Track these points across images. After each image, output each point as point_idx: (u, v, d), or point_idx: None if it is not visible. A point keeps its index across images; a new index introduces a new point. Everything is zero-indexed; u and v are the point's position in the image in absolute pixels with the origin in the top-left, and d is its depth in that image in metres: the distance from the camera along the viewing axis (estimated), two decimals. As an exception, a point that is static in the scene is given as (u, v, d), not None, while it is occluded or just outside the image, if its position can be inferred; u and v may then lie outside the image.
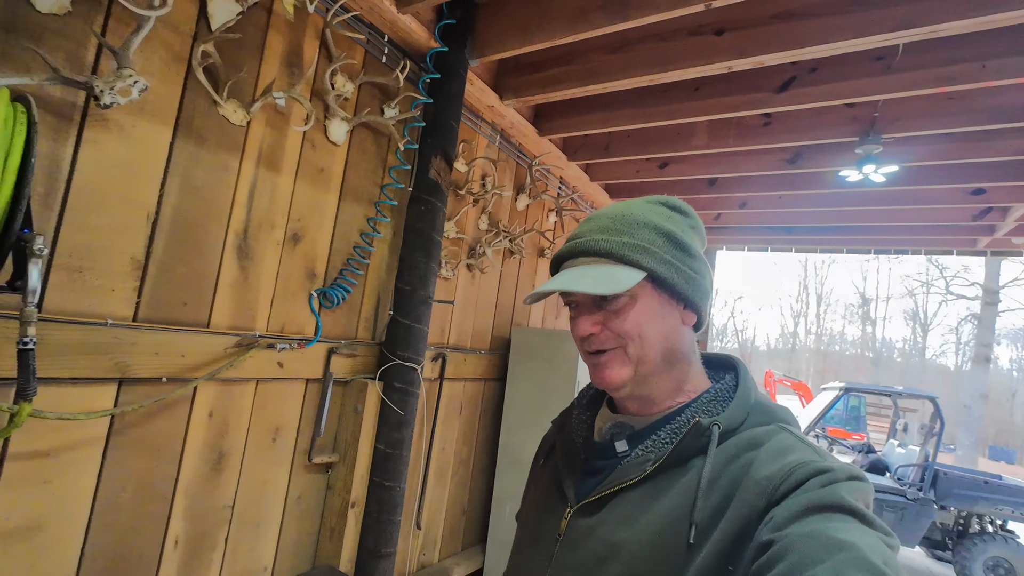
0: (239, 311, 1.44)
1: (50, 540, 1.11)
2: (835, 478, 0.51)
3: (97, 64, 1.13)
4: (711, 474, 0.56)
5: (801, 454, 0.55)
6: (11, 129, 0.78)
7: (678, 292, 0.64)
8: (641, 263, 0.62)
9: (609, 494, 0.62)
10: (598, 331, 0.63)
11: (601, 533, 0.60)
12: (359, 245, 1.78)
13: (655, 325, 0.63)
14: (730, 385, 0.66)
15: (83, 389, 1.14)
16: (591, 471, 0.67)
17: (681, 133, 2.51)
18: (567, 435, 0.74)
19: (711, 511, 0.54)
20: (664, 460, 0.59)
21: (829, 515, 0.48)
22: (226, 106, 1.35)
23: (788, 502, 0.50)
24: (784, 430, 0.60)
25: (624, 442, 0.65)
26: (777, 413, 0.63)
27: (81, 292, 1.13)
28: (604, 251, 0.63)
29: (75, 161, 1.11)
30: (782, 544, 0.46)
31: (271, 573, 1.59)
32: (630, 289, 0.61)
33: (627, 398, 0.66)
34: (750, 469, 0.54)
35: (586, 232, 0.66)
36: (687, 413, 0.64)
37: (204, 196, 1.34)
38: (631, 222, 0.65)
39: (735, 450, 0.57)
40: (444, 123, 1.92)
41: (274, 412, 1.56)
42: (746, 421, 0.60)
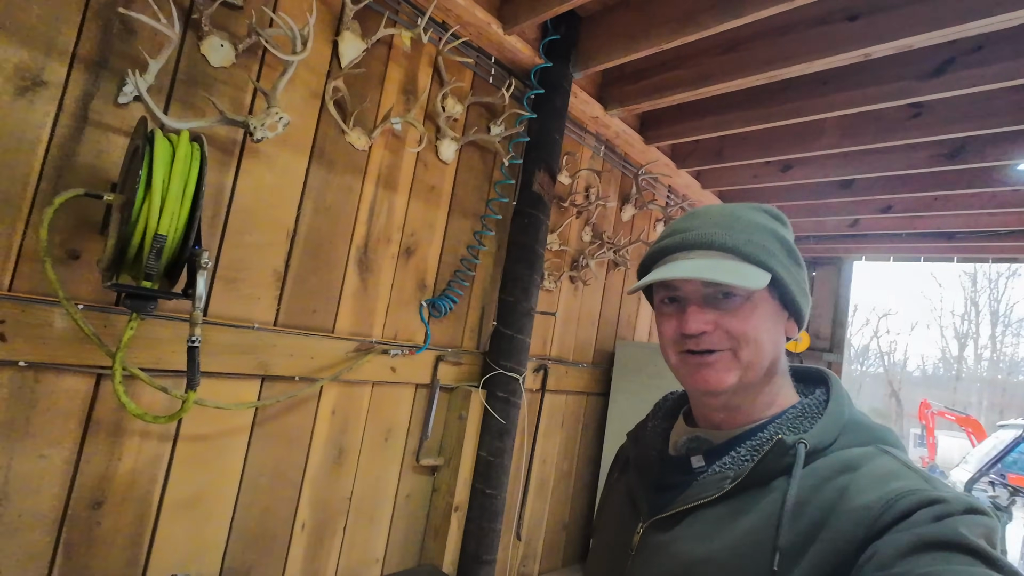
0: (359, 319, 1.58)
1: (207, 512, 1.30)
2: (949, 510, 0.45)
3: (252, 105, 1.33)
4: (797, 497, 0.51)
5: (907, 481, 0.48)
6: (189, 164, 0.94)
7: (792, 300, 0.61)
8: (768, 264, 0.58)
9: (684, 511, 0.58)
10: (711, 329, 0.59)
11: (675, 550, 0.57)
12: (466, 258, 1.87)
13: (768, 331, 0.60)
14: (820, 400, 0.61)
15: (234, 383, 1.33)
16: (665, 486, 0.64)
17: (806, 132, 2.28)
18: (641, 448, 0.71)
19: (797, 538, 0.49)
20: (744, 479, 0.55)
21: (947, 555, 0.42)
22: (352, 134, 1.50)
23: (893, 536, 0.44)
24: (885, 452, 0.54)
25: (700, 457, 0.62)
26: (876, 432, 0.57)
27: (235, 300, 1.32)
28: (729, 246, 0.59)
29: (235, 188, 1.31)
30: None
31: (382, 565, 1.70)
32: (751, 289, 0.58)
33: (719, 407, 0.62)
34: (845, 495, 0.49)
35: (697, 226, 0.61)
36: (770, 429, 0.59)
37: (332, 215, 1.50)
38: (747, 223, 0.61)
39: (827, 472, 0.52)
40: (548, 137, 1.95)
41: (387, 414, 1.68)
42: (838, 440, 0.55)
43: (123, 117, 1.13)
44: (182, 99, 1.21)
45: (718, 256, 0.59)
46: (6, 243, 1.01)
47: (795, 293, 0.60)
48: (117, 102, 1.11)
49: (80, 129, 1.08)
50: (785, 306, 0.62)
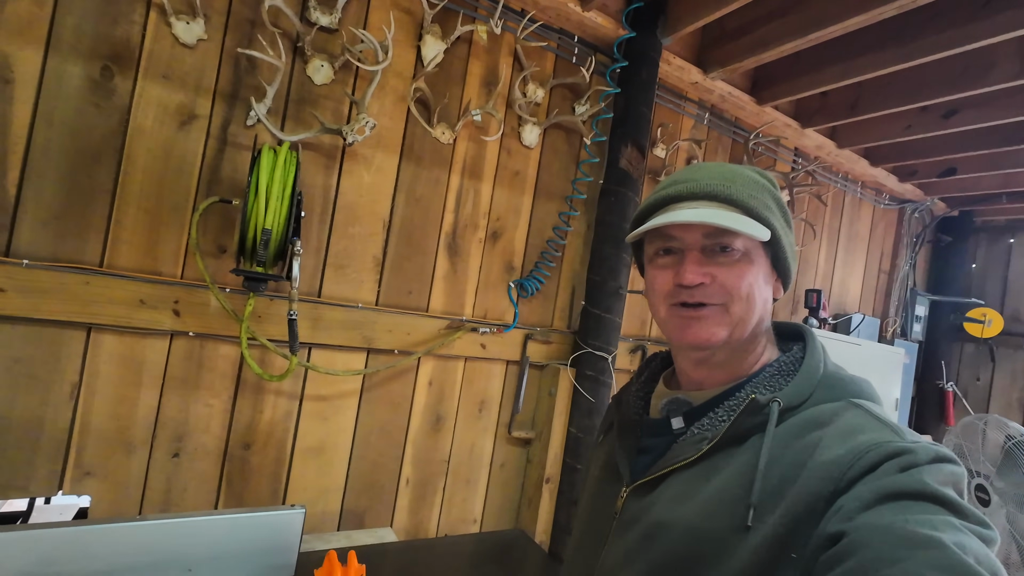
0: (450, 299, 1.73)
1: (328, 460, 1.56)
2: (915, 460, 0.45)
3: (349, 115, 1.53)
4: (769, 455, 0.51)
5: (874, 434, 0.48)
6: (288, 169, 1.14)
7: (783, 261, 0.61)
8: (768, 220, 0.59)
9: (664, 474, 0.59)
10: (708, 282, 0.59)
11: (653, 512, 0.58)
12: (552, 239, 1.91)
13: (760, 288, 0.59)
14: (796, 357, 0.59)
15: (345, 354, 1.56)
16: (646, 449, 0.64)
17: (970, 66, 1.85)
18: (623, 412, 0.71)
19: (769, 494, 0.49)
20: (719, 439, 0.55)
21: (908, 504, 0.42)
22: (436, 130, 1.64)
23: (859, 489, 0.45)
24: (855, 406, 0.52)
25: (680, 419, 0.62)
26: (849, 387, 0.56)
27: (343, 283, 1.55)
28: (733, 199, 0.59)
29: (338, 188, 1.53)
30: (852, 538, 0.41)
31: (480, 523, 1.85)
32: (749, 244, 0.59)
33: (702, 363, 0.62)
34: (815, 451, 0.49)
35: (699, 178, 0.61)
36: (746, 389, 0.58)
37: (422, 205, 1.66)
38: (747, 179, 0.61)
39: (797, 429, 0.52)
40: (635, 111, 1.89)
41: (479, 387, 1.81)
42: (812, 397, 0.55)
43: (251, 136, 1.39)
44: (294, 116, 1.45)
45: (722, 207, 0.59)
46: (177, 242, 1.32)
47: (788, 254, 0.61)
48: (246, 125, 1.38)
49: (221, 150, 1.36)
50: (775, 267, 0.61)
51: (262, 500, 1.47)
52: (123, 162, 1.26)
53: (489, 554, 1.62)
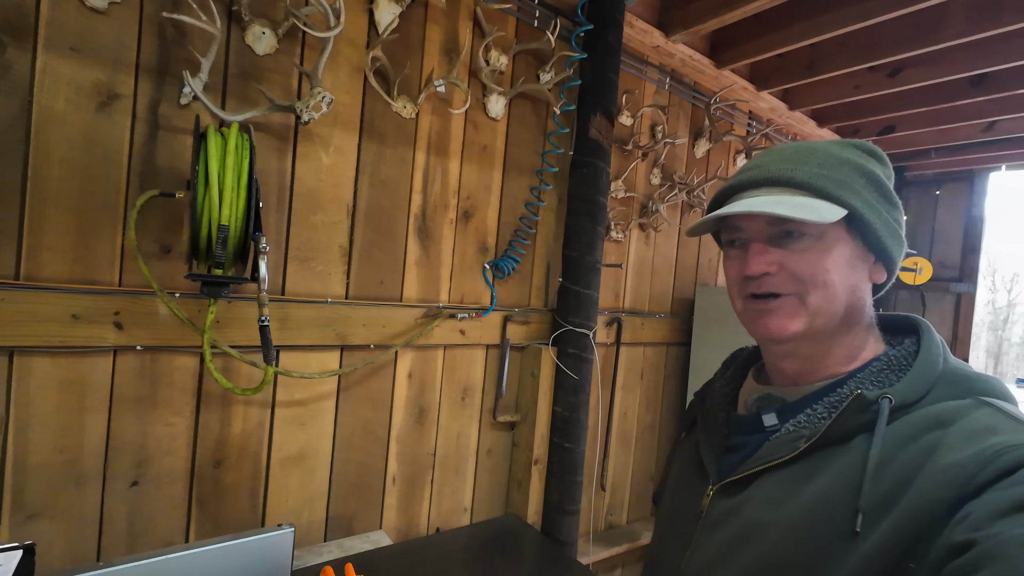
0: (424, 286, 1.63)
1: (310, 467, 1.45)
2: None
3: (300, 89, 1.36)
4: (880, 456, 0.46)
5: (1010, 435, 0.43)
6: (241, 155, 1.00)
7: (877, 241, 0.54)
8: (844, 198, 0.53)
9: (755, 473, 0.55)
10: (775, 271, 0.54)
11: (746, 514, 0.54)
12: (525, 216, 1.83)
13: (843, 274, 0.54)
14: (909, 351, 0.54)
15: (318, 354, 1.44)
16: (735, 447, 0.60)
17: (921, 23, 1.90)
18: (709, 408, 0.67)
19: (880, 499, 0.45)
20: (819, 437, 0.50)
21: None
22: (397, 103, 1.50)
23: (991, 495, 0.40)
24: (985, 404, 0.47)
25: (773, 415, 0.57)
26: (975, 384, 0.49)
27: (310, 278, 1.42)
28: (797, 181, 0.54)
29: (294, 172, 1.38)
30: (985, 547, 0.37)
31: (471, 512, 1.81)
32: (823, 227, 0.53)
33: (787, 356, 0.58)
34: (935, 453, 0.45)
35: (767, 163, 0.57)
36: (850, 384, 0.53)
37: (388, 187, 1.54)
38: (824, 156, 0.56)
39: (912, 429, 0.48)
40: (602, 77, 1.82)
41: (461, 374, 1.74)
42: (929, 394, 0.49)
43: (188, 117, 1.22)
44: (237, 92, 1.27)
45: (786, 192, 0.54)
46: (111, 244, 1.15)
47: (881, 233, 0.54)
48: (180, 104, 1.20)
49: (153, 135, 1.18)
50: (870, 248, 0.55)
51: (240, 519, 1.35)
52: (31, 154, 1.06)
53: (486, 544, 1.59)
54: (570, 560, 1.54)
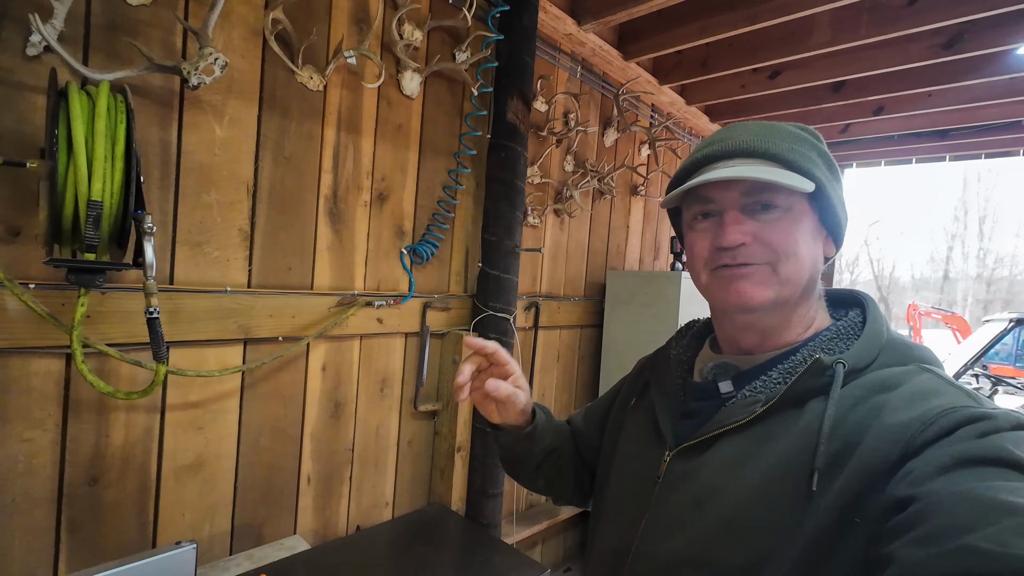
0: (338, 272, 1.53)
1: (210, 475, 1.31)
2: (996, 426, 0.42)
3: (185, 49, 1.19)
4: (834, 418, 0.48)
5: (949, 398, 0.46)
6: (114, 118, 0.85)
7: (833, 215, 0.57)
8: (812, 172, 0.55)
9: (712, 436, 0.56)
10: (749, 241, 0.55)
11: (704, 476, 0.55)
12: (443, 199, 1.78)
13: (809, 246, 0.56)
14: (856, 322, 0.58)
15: (217, 349, 1.29)
16: (691, 413, 0.62)
17: (797, 32, 2.12)
18: (663, 375, 0.68)
19: (832, 458, 0.47)
20: (776, 400, 0.53)
21: (986, 470, 0.39)
22: (302, 73, 1.37)
23: (931, 453, 0.42)
24: (926, 370, 0.51)
25: (729, 383, 0.59)
26: (916, 352, 0.54)
27: (204, 264, 1.26)
28: (772, 153, 0.55)
29: (181, 144, 1.21)
30: (925, 503, 0.39)
31: (392, 507, 1.75)
32: (792, 200, 0.55)
33: (749, 328, 0.59)
34: (881, 414, 0.47)
35: (736, 135, 0.58)
36: (803, 351, 0.56)
37: (294, 165, 1.41)
38: (786, 133, 0.58)
39: (862, 392, 0.50)
40: (518, 60, 1.81)
41: (379, 365, 1.67)
42: (876, 361, 0.52)
43: (39, 72, 1.01)
44: (103, 47, 1.08)
45: (760, 163, 0.55)
46: (-65, 225, 0.93)
47: (837, 208, 0.57)
48: (26, 55, 0.99)
49: (-10, 90, 0.96)
50: (824, 223, 0.58)
51: (125, 541, 1.18)
52: None
53: (410, 536, 1.55)
54: (496, 541, 1.56)
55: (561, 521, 2.36)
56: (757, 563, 0.48)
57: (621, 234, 2.72)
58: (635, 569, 0.59)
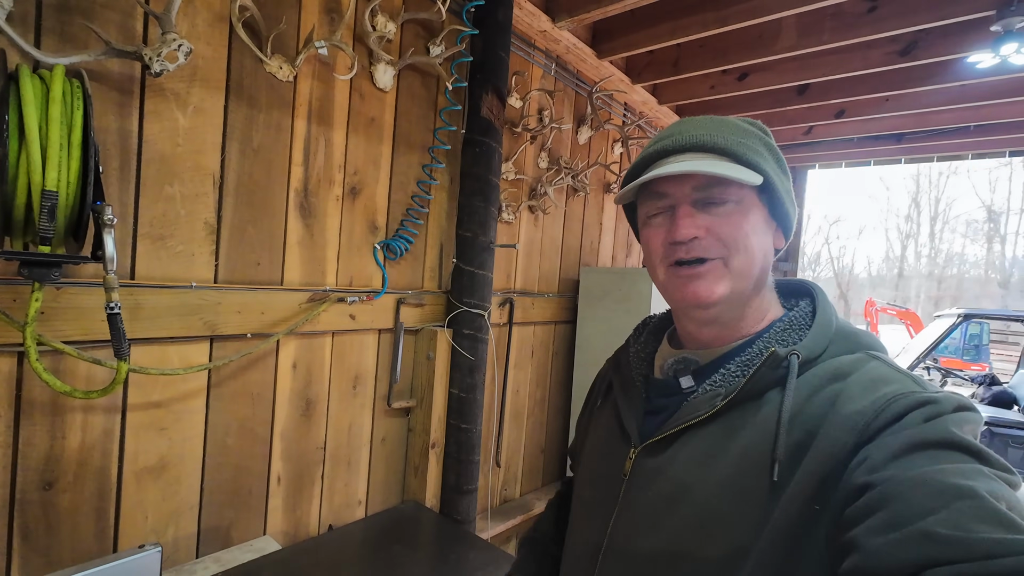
0: (309, 268, 1.50)
1: (174, 477, 1.27)
2: (941, 410, 0.44)
3: (146, 33, 1.15)
4: (792, 408, 0.50)
5: (898, 384, 0.48)
6: (70, 104, 0.81)
7: (781, 209, 0.59)
8: (760, 166, 0.56)
9: (676, 432, 0.57)
10: (703, 235, 0.56)
11: (671, 473, 0.56)
12: (417, 194, 1.77)
13: (759, 239, 0.58)
14: (806, 312, 0.59)
15: (181, 347, 1.25)
16: (654, 410, 0.63)
17: (764, 35, 2.19)
18: (625, 373, 0.69)
19: (792, 448, 0.49)
20: (736, 394, 0.54)
21: (936, 453, 0.41)
22: (271, 62, 1.33)
23: (884, 439, 0.44)
24: (874, 358, 0.53)
25: (689, 378, 0.60)
26: (863, 339, 0.55)
27: (166, 259, 1.22)
28: (722, 147, 0.56)
29: (142, 133, 1.16)
30: (882, 489, 0.40)
31: (365, 505, 1.73)
32: (741, 191, 0.56)
33: (708, 323, 0.60)
34: (836, 402, 0.49)
35: (686, 130, 0.59)
36: (758, 344, 0.57)
37: (263, 157, 1.37)
38: (735, 127, 0.59)
39: (817, 381, 0.51)
40: (493, 55, 1.80)
41: (352, 362, 1.64)
42: (827, 350, 0.54)
43: (-16, 54, 0.95)
44: (56, 29, 1.03)
45: (710, 157, 0.56)
46: None
47: (785, 201, 0.59)
48: (-29, 35, 0.93)
49: (-69, 71, 0.90)
50: (773, 215, 0.60)
51: (82, 547, 1.13)
52: None
53: (384, 534, 1.53)
54: (471, 537, 1.56)
55: (534, 516, 2.38)
56: (731, 556, 0.49)
57: (594, 231, 2.75)
58: (609, 564, 0.60)
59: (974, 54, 2.04)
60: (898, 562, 0.36)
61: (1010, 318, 5.27)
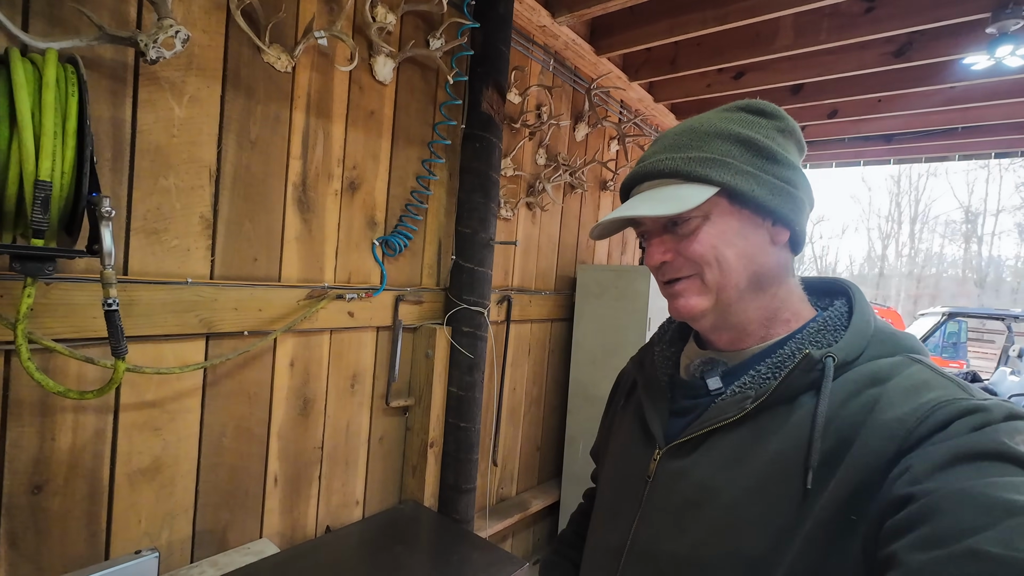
0: (307, 264, 1.46)
1: (169, 479, 1.23)
2: (989, 419, 0.41)
3: (140, 19, 1.10)
4: (827, 413, 0.48)
5: (942, 391, 0.45)
6: (64, 91, 0.77)
7: (762, 206, 0.55)
8: (711, 177, 0.55)
9: (703, 434, 0.56)
10: (671, 258, 0.58)
11: (695, 476, 0.54)
12: (416, 190, 1.74)
13: (736, 247, 0.56)
14: (842, 312, 0.57)
15: (176, 345, 1.21)
16: (679, 411, 0.62)
17: (761, 34, 2.19)
18: (649, 373, 0.67)
19: (826, 455, 0.47)
20: (767, 397, 0.52)
21: (984, 465, 0.39)
22: (270, 52, 1.30)
23: (928, 449, 0.42)
24: (916, 361, 0.50)
25: (717, 379, 0.59)
26: (904, 341, 0.53)
27: (161, 253, 1.17)
28: (669, 170, 0.57)
29: (135, 123, 1.12)
30: (926, 502, 0.38)
31: (363, 505, 1.70)
32: (700, 207, 0.55)
33: (712, 330, 0.60)
34: (875, 409, 0.46)
35: (652, 153, 0.60)
36: (791, 345, 0.55)
37: (260, 150, 1.33)
38: (700, 134, 0.58)
39: (853, 386, 0.49)
40: (494, 49, 1.78)
41: (350, 360, 1.61)
42: (865, 352, 0.52)
43: (-30, 37, 0.91)
44: (45, 12, 0.98)
45: (663, 184, 0.58)
46: None
47: (761, 197, 0.55)
48: (-44, 17, 0.88)
49: (-88, 54, 0.85)
50: (760, 213, 0.56)
51: (73, 553, 1.09)
52: None
53: (383, 535, 1.51)
54: (473, 537, 1.54)
55: (532, 514, 2.37)
56: (757, 564, 0.48)
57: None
58: (631, 566, 0.59)
59: (969, 55, 2.06)
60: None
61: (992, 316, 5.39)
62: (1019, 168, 23.45)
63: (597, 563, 0.65)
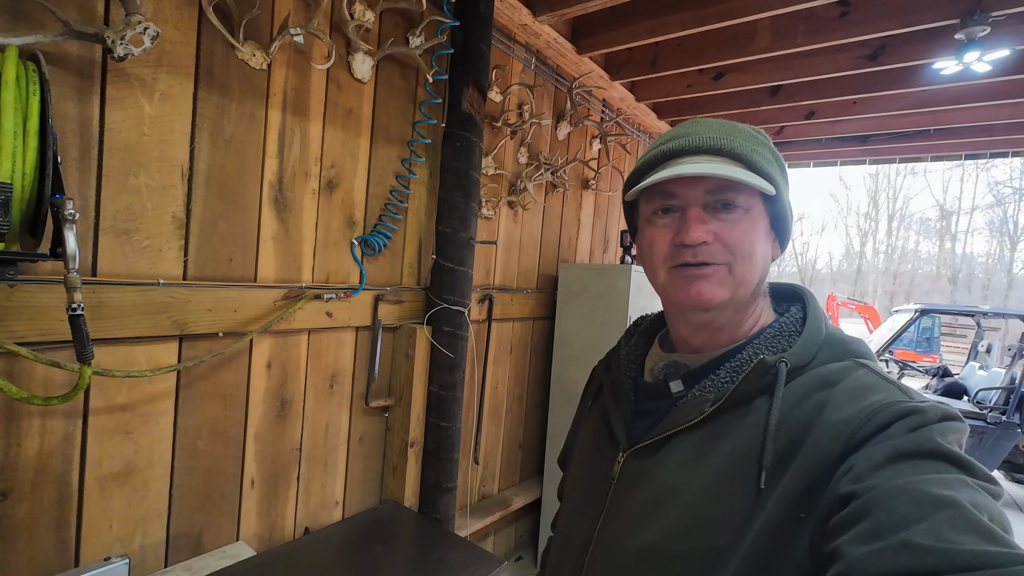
0: (284, 264, 1.44)
1: (141, 482, 1.21)
2: (926, 420, 0.44)
3: (108, 15, 1.08)
4: (779, 415, 0.50)
5: (884, 393, 0.48)
6: (25, 89, 0.75)
7: (784, 220, 0.59)
8: (773, 176, 0.56)
9: (665, 437, 0.57)
10: (711, 240, 0.55)
11: (659, 476, 0.56)
12: (396, 189, 1.73)
13: (763, 248, 0.58)
14: (797, 318, 0.59)
15: (148, 347, 1.19)
16: (643, 413, 0.63)
17: (740, 36, 2.21)
18: (615, 376, 0.69)
19: (778, 455, 0.49)
20: (724, 400, 0.54)
21: (919, 463, 0.42)
22: (244, 49, 1.28)
23: (869, 449, 0.44)
24: (862, 366, 0.53)
25: (679, 382, 0.60)
26: (851, 347, 0.56)
27: (131, 254, 1.15)
28: (737, 152, 0.55)
29: (103, 121, 1.09)
30: (866, 499, 0.41)
31: (342, 506, 1.70)
32: (753, 197, 0.56)
33: (703, 327, 0.60)
34: (823, 411, 0.49)
35: (700, 131, 0.58)
36: (748, 350, 0.57)
37: (235, 148, 1.31)
38: (747, 134, 0.58)
39: (804, 389, 0.51)
40: (474, 48, 1.77)
41: (329, 360, 1.60)
42: (816, 357, 0.54)
43: (-75, 31, 0.88)
44: (7, 7, 0.95)
45: (725, 162, 0.55)
46: None
47: (788, 212, 0.59)
48: (-89, 10, 0.85)
49: None
50: (774, 226, 0.60)
51: (41, 560, 1.07)
52: None
53: (363, 535, 1.51)
54: (452, 537, 1.54)
55: (514, 511, 2.38)
56: (713, 557, 0.50)
57: (573, 227, 2.75)
58: (596, 560, 0.60)
59: (938, 60, 2.12)
60: (878, 572, 0.37)
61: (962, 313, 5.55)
62: (993, 168, 24.13)
63: (564, 558, 0.66)
